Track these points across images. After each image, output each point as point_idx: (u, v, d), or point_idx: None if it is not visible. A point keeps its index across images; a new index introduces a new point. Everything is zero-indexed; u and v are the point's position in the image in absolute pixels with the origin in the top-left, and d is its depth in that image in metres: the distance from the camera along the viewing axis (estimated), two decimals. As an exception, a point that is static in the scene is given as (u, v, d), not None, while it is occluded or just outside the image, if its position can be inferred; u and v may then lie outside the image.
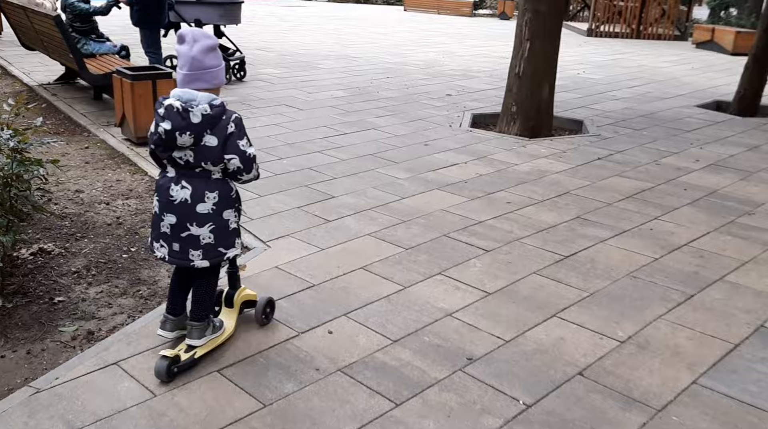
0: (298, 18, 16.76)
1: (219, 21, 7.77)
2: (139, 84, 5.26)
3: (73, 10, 6.23)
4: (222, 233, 2.55)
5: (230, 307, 2.86)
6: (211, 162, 2.42)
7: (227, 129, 2.40)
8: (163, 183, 2.51)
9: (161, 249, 2.56)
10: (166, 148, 2.41)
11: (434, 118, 6.90)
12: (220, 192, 2.49)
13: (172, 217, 2.49)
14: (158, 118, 2.37)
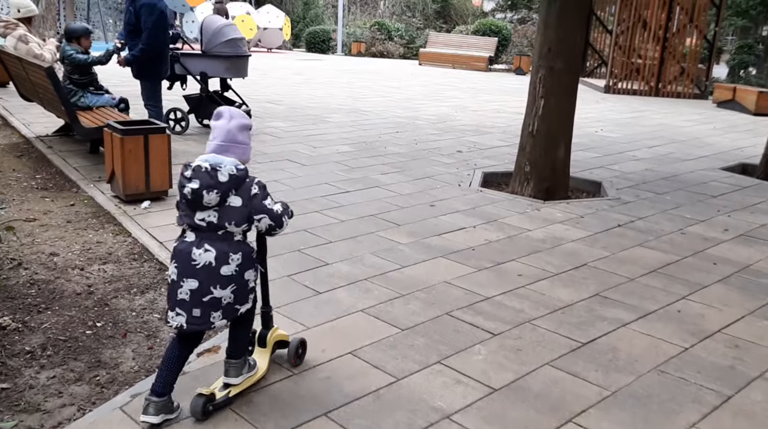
0: (313, 71, 16.74)
1: (225, 74, 7.57)
2: (130, 139, 4.98)
3: (71, 62, 6.04)
4: (241, 293, 2.59)
5: (263, 346, 2.89)
6: (235, 223, 2.48)
7: (251, 190, 2.49)
8: (183, 247, 2.51)
9: (177, 317, 2.51)
10: (191, 209, 2.47)
11: (443, 177, 6.56)
12: (243, 253, 2.54)
13: (194, 282, 2.48)
14: (184, 181, 2.45)
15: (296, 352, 2.95)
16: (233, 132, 2.53)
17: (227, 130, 2.52)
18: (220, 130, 2.53)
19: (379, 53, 24.74)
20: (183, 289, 2.49)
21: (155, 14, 6.02)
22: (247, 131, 2.58)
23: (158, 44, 6.12)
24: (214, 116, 2.59)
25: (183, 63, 7.44)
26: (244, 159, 2.55)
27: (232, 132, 2.52)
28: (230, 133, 2.52)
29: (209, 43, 7.38)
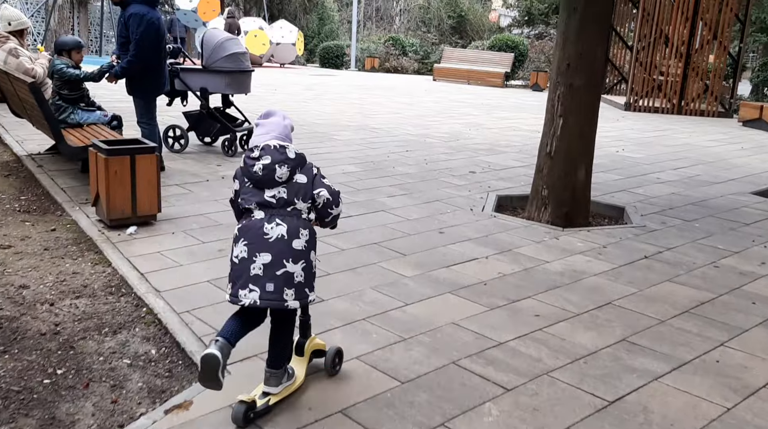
0: (324, 87, 16.44)
1: (226, 90, 7.24)
2: (115, 160, 4.63)
3: (61, 76, 5.73)
4: (309, 273, 2.66)
5: (300, 355, 2.89)
6: (302, 198, 2.62)
7: (313, 170, 2.67)
8: (254, 223, 2.59)
9: (250, 294, 2.55)
10: (260, 188, 2.59)
11: (454, 200, 6.15)
12: (309, 230, 2.66)
13: (267, 255, 2.55)
14: (251, 161, 2.59)
15: (333, 362, 2.96)
16: (288, 129, 2.70)
17: (283, 126, 2.69)
18: (275, 125, 2.67)
19: (393, 69, 24.46)
20: (256, 264, 2.55)
21: (143, 25, 5.68)
22: (290, 130, 2.75)
23: (147, 57, 5.76)
24: (263, 115, 2.73)
25: (183, 78, 7.12)
26: None
27: (287, 128, 2.70)
28: (286, 128, 2.69)
29: (210, 57, 7.06)
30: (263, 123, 2.70)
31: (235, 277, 2.61)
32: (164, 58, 6.04)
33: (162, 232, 4.75)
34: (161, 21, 5.91)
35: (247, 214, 2.64)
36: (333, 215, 2.72)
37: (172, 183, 6.09)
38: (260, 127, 2.69)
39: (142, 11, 5.70)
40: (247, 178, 2.61)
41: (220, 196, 5.78)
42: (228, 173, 6.57)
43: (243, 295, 2.56)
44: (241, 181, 2.65)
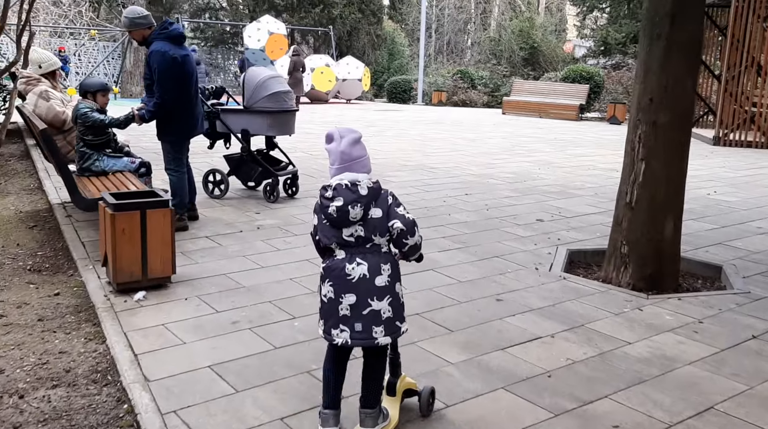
0: (387, 123, 15.90)
1: (268, 131, 6.72)
2: (122, 216, 4.10)
3: (84, 121, 5.33)
4: (396, 306, 2.66)
5: (392, 395, 2.85)
6: (379, 233, 2.60)
7: (387, 200, 2.63)
8: (336, 264, 2.61)
9: (342, 334, 2.60)
10: (337, 227, 2.58)
11: (516, 256, 5.34)
12: (391, 264, 2.65)
13: (352, 296, 2.59)
14: (326, 202, 2.57)
15: (428, 402, 2.90)
16: (346, 151, 2.61)
17: (341, 152, 2.61)
18: (334, 153, 2.63)
19: (462, 102, 23.78)
20: (342, 305, 2.59)
21: (166, 62, 5.22)
22: (359, 144, 2.65)
23: (172, 98, 5.30)
24: (325, 139, 2.67)
25: (223, 120, 6.66)
26: (365, 171, 2.64)
27: (345, 152, 2.61)
28: (344, 153, 2.61)
29: (251, 97, 6.57)
30: (327, 150, 2.67)
31: (325, 315, 2.67)
32: (194, 99, 5.55)
33: (173, 298, 4.16)
34: (188, 59, 5.44)
35: (330, 253, 2.66)
36: (409, 245, 2.65)
37: (202, 235, 5.55)
38: (328, 156, 2.67)
39: (164, 48, 5.25)
40: (324, 217, 2.61)
41: (250, 250, 5.19)
42: (265, 223, 5.99)
43: (335, 334, 2.62)
44: (318, 217, 2.66)
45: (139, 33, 5.39)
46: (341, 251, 2.61)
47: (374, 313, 2.59)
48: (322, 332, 2.68)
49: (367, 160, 2.67)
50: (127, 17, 5.35)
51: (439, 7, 38.70)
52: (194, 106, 5.56)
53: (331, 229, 2.60)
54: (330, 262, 2.64)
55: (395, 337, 2.68)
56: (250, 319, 3.90)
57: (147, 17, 5.39)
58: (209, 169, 6.90)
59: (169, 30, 5.40)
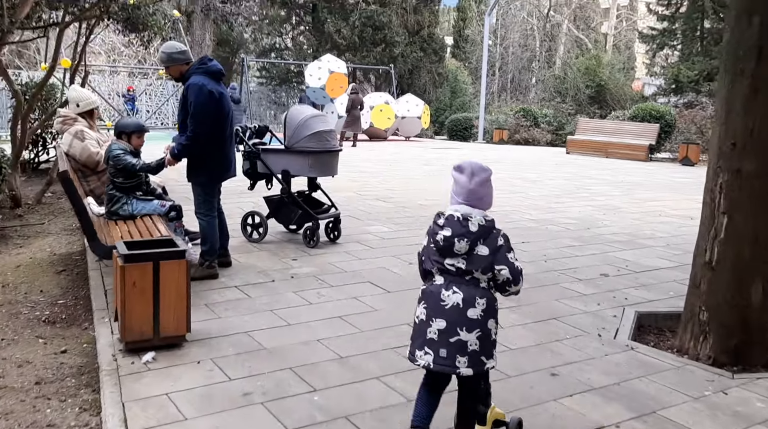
0: (443, 162, 15.42)
1: (309, 172, 6.34)
2: (133, 268, 3.74)
3: (116, 163, 5.08)
4: (485, 342, 2.69)
5: (482, 424, 2.87)
6: (481, 270, 2.66)
7: (497, 241, 2.68)
8: (433, 289, 2.73)
9: (425, 356, 2.69)
10: (441, 254, 2.68)
11: (577, 318, 4.72)
12: (487, 300, 2.69)
13: (442, 321, 2.67)
14: (436, 228, 2.70)
15: None
16: (475, 190, 2.70)
17: (470, 190, 2.70)
18: (463, 188, 2.70)
19: (524, 140, 23.13)
20: (432, 329, 2.68)
21: (203, 96, 4.92)
22: (488, 183, 2.72)
23: (205, 134, 4.99)
24: (455, 169, 2.73)
25: (264, 160, 6.33)
26: (486, 207, 2.73)
27: (474, 191, 2.70)
28: (472, 192, 2.70)
29: (293, 137, 6.24)
30: (455, 179, 2.73)
31: (414, 336, 2.77)
32: (228, 140, 5.24)
33: (185, 361, 3.75)
34: (225, 97, 5.15)
35: (430, 277, 2.77)
36: (510, 292, 2.72)
37: (232, 284, 5.16)
38: (453, 183, 2.73)
39: (202, 82, 4.96)
40: (432, 242, 2.71)
41: (279, 303, 4.76)
42: (300, 271, 5.57)
43: (419, 356, 2.71)
44: (428, 240, 2.76)
45: (176, 69, 5.15)
46: (440, 277, 2.71)
47: (461, 343, 2.64)
48: (408, 353, 2.80)
49: (491, 196, 2.76)
50: (164, 52, 5.12)
51: (503, 46, 38.38)
52: (228, 148, 5.25)
53: (435, 254, 2.70)
54: (428, 286, 2.76)
55: (478, 371, 2.69)
56: (265, 390, 3.44)
57: (185, 52, 5.15)
58: (248, 212, 6.57)
59: (207, 65, 5.14)
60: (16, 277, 5.37)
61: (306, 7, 29.49)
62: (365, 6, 26.90)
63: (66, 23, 7.77)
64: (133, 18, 7.61)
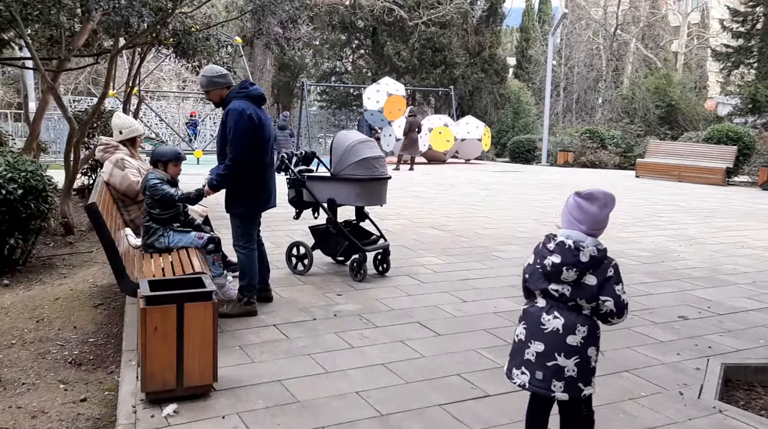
0: (503, 185, 14.85)
1: (356, 202, 5.98)
2: (155, 310, 3.43)
3: (152, 194, 4.83)
4: (584, 368, 2.65)
5: None
6: (585, 299, 2.62)
7: (607, 272, 2.61)
8: (534, 311, 2.71)
9: (522, 376, 2.70)
10: (547, 279, 2.65)
11: (653, 370, 4.14)
12: (588, 327, 2.66)
13: (540, 345, 2.65)
14: (545, 251, 2.66)
15: None
16: (601, 221, 2.66)
17: (597, 221, 2.65)
18: (589, 216, 2.64)
19: (590, 163, 22.23)
20: (530, 350, 2.68)
21: (243, 121, 4.63)
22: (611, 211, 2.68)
23: (245, 161, 4.69)
24: (582, 197, 2.65)
25: (309, 188, 6.01)
26: (601, 232, 2.67)
27: (599, 221, 2.65)
28: (599, 222, 2.66)
29: (339, 164, 5.89)
30: (579, 206, 2.65)
31: (513, 354, 2.76)
32: (269, 169, 4.93)
33: (209, 415, 3.39)
34: (267, 123, 4.84)
35: (532, 297, 2.74)
36: (612, 323, 2.68)
37: (270, 322, 4.82)
38: (577, 209, 2.65)
39: (242, 106, 4.68)
40: (539, 264, 2.66)
41: (318, 346, 4.37)
42: (344, 308, 5.18)
43: (516, 374, 2.72)
44: (534, 260, 2.71)
45: (216, 93, 4.89)
46: (542, 300, 2.69)
47: (558, 368, 2.62)
48: (505, 369, 2.81)
49: (607, 221, 2.68)
50: (204, 76, 4.88)
51: (567, 66, 37.48)
52: (268, 177, 4.93)
53: (541, 277, 2.66)
54: (529, 307, 2.74)
55: (574, 397, 2.65)
56: (292, 454, 3.04)
57: (226, 76, 4.89)
58: (293, 242, 6.24)
59: (248, 89, 4.86)
60: (52, 311, 5.18)
61: (366, 30, 29.56)
62: (425, 28, 26.71)
63: (117, 50, 7.75)
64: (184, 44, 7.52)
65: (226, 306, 4.94)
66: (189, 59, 7.97)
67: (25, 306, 5.30)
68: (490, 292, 5.77)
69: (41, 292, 5.70)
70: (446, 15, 26.54)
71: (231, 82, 4.91)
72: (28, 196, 6.11)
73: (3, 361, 4.19)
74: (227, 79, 4.89)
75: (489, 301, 5.52)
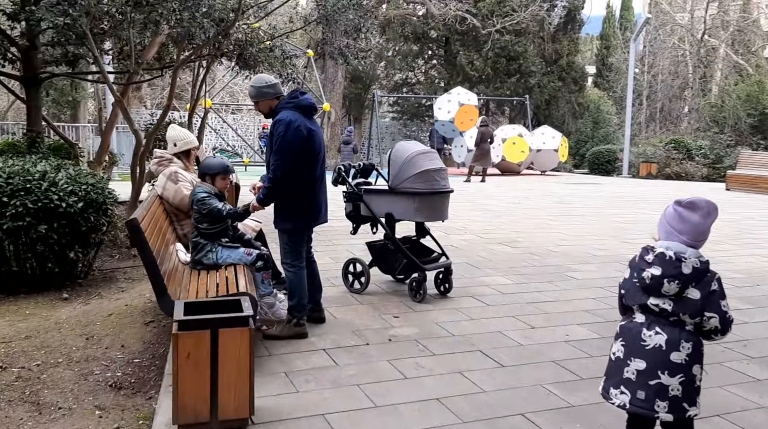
0: (581, 199, 14.12)
1: (415, 217, 5.62)
2: (187, 336, 3.19)
3: (200, 208, 4.65)
4: (689, 388, 2.54)
5: None
6: (689, 314, 2.50)
7: (711, 285, 2.50)
8: (633, 327, 2.60)
9: (621, 395, 2.58)
10: (646, 293, 2.54)
11: (749, 416, 3.60)
12: (693, 344, 2.53)
13: (641, 362, 2.54)
14: (643, 264, 2.55)
15: None
16: (706, 231, 2.56)
17: (700, 231, 2.54)
18: (692, 226, 2.54)
19: (675, 175, 21.05)
20: (630, 369, 2.56)
21: (291, 131, 4.38)
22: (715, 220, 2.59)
23: (291, 174, 4.43)
24: (684, 205, 2.58)
25: (367, 202, 5.71)
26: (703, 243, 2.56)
27: (704, 232, 2.55)
28: (702, 233, 2.55)
29: (397, 176, 5.57)
30: (681, 215, 2.57)
31: (608, 372, 2.66)
32: (318, 183, 4.65)
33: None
34: (316, 134, 4.58)
35: (629, 313, 2.64)
36: (715, 340, 2.59)
37: (320, 346, 4.52)
38: (677, 219, 2.57)
39: (290, 117, 4.43)
40: (636, 277, 2.56)
41: (368, 375, 4.03)
42: (400, 333, 4.83)
43: (614, 394, 2.61)
44: (631, 274, 2.62)
45: (266, 104, 4.67)
46: (641, 315, 2.59)
47: (662, 387, 2.52)
48: (601, 389, 2.69)
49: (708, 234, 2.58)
50: (253, 86, 4.67)
51: (651, 73, 35.87)
52: (318, 192, 4.66)
53: (639, 291, 2.56)
54: (627, 323, 2.64)
55: (678, 418, 2.54)
56: (326, 505, 2.70)
57: (275, 86, 4.66)
58: (349, 259, 5.95)
59: (298, 99, 4.62)
60: (103, 328, 5.08)
61: (439, 40, 29.25)
62: (499, 36, 26.12)
63: (180, 62, 7.73)
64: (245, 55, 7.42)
65: (276, 327, 4.69)
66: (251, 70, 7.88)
67: (78, 321, 5.22)
68: (562, 318, 5.28)
69: (96, 307, 5.63)
70: (521, 22, 25.88)
71: (280, 92, 4.68)
72: (89, 209, 6.08)
73: (46, 382, 4.06)
74: (276, 89, 4.66)
75: (560, 327, 5.04)
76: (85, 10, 6.71)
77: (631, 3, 40.03)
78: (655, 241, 2.60)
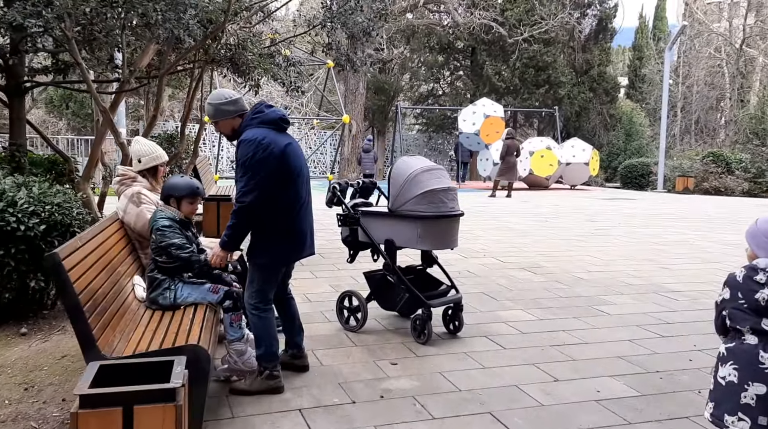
0: (613, 216, 13.13)
1: (418, 244, 4.80)
2: (90, 416, 2.42)
3: (159, 239, 3.89)
4: None
5: None
6: None
7: None
8: (747, 349, 2.48)
9: (740, 422, 2.46)
10: (759, 314, 2.44)
11: None
12: None
13: (762, 386, 2.43)
14: (754, 285, 2.44)
15: None
16: None
17: None
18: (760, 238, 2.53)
19: (714, 190, 19.88)
20: (747, 393, 2.46)
21: (260, 149, 3.60)
22: None
23: (261, 199, 3.64)
24: None
25: (364, 226, 4.93)
26: None
27: None
28: None
29: (398, 198, 4.77)
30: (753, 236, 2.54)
31: (719, 398, 2.54)
32: (302, 208, 3.86)
33: None
34: (292, 149, 3.80)
35: (736, 335, 2.52)
36: None
37: (296, 405, 3.72)
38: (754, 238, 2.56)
39: (258, 134, 3.66)
40: (744, 299, 2.46)
41: (347, 450, 3.21)
42: (395, 386, 4.01)
43: (730, 421, 2.48)
44: (733, 294, 2.50)
45: (227, 124, 3.86)
46: (753, 337, 2.48)
47: None
48: (709, 415, 2.56)
49: None
50: (210, 103, 3.87)
51: (686, 85, 34.55)
52: (301, 218, 3.86)
53: (749, 312, 2.46)
54: (737, 345, 2.51)
55: None
56: None
57: (236, 102, 3.84)
58: (344, 292, 5.15)
59: (264, 113, 3.80)
60: (50, 374, 4.35)
61: (465, 51, 28.45)
62: (527, 46, 25.23)
63: (166, 69, 7.06)
64: (236, 58, 6.71)
65: (246, 379, 3.91)
66: (245, 77, 7.17)
67: (24, 365, 4.51)
68: (592, 367, 4.40)
69: (53, 346, 4.92)
70: (550, 31, 24.96)
71: (244, 109, 3.86)
72: (52, 232, 5.39)
73: (-44, 449, 3.34)
74: (238, 105, 3.84)
75: (589, 380, 4.16)
76: (61, 12, 6.08)
77: (665, 13, 38.81)
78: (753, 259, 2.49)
